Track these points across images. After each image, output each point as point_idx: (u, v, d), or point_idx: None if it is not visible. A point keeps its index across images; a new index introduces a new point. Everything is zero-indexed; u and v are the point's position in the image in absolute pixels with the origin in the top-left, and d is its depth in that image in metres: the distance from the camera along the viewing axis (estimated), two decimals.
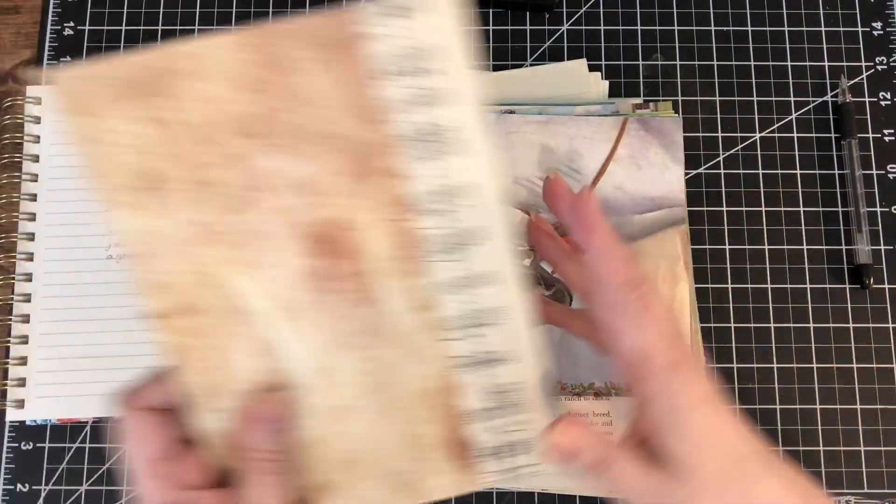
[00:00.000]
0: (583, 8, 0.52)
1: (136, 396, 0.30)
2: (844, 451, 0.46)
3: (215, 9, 0.52)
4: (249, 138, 0.29)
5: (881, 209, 0.49)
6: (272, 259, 0.30)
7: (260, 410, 0.30)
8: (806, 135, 0.50)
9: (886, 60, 0.51)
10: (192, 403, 0.30)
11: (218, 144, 0.29)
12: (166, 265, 0.29)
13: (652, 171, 0.47)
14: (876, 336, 0.47)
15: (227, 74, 0.28)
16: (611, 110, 0.48)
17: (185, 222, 0.29)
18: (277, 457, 0.30)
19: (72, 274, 0.47)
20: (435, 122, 0.29)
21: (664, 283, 0.45)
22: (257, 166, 0.29)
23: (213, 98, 0.28)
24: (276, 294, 0.30)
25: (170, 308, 0.29)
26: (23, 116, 0.48)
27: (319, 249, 0.30)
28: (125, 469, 0.31)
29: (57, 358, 0.46)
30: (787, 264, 0.48)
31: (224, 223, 0.29)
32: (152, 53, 0.28)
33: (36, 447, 0.46)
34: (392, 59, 0.29)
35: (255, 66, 0.28)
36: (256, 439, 0.30)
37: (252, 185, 0.29)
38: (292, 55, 0.28)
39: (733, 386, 0.47)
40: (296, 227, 0.30)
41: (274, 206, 0.30)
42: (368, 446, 0.32)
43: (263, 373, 0.31)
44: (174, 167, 0.29)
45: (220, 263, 0.30)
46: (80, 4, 0.52)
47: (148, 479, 0.29)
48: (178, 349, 0.30)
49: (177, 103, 0.28)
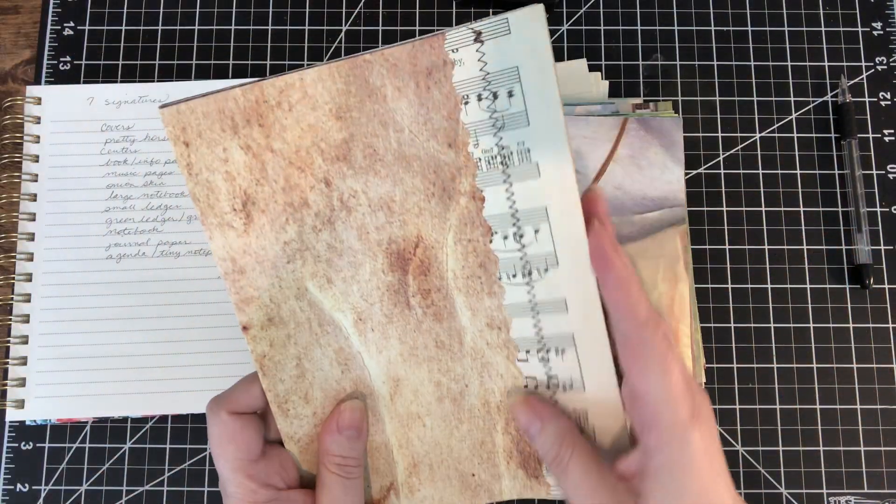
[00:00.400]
0: (583, 8, 0.52)
1: (227, 401, 0.32)
2: (844, 451, 0.46)
3: (215, 9, 0.52)
4: (336, 162, 0.31)
5: (881, 209, 0.49)
6: (353, 274, 0.32)
7: (338, 418, 0.32)
8: (806, 135, 0.50)
9: (886, 60, 0.51)
10: (277, 408, 0.33)
11: (306, 168, 0.31)
12: (252, 280, 0.32)
13: (652, 171, 0.47)
14: (876, 336, 0.47)
15: (317, 103, 0.30)
16: (611, 110, 0.48)
17: (272, 241, 0.31)
18: (353, 462, 0.32)
19: (72, 274, 0.47)
20: (508, 145, 0.30)
21: (664, 283, 0.45)
22: (342, 187, 0.31)
23: (302, 125, 0.30)
24: (357, 306, 0.32)
25: (253, 320, 0.32)
26: (23, 116, 0.48)
27: (398, 265, 0.32)
28: (213, 469, 0.32)
29: (57, 358, 0.46)
30: (787, 264, 0.48)
31: (309, 240, 0.32)
32: (247, 85, 0.30)
33: (36, 447, 0.46)
34: (472, 83, 0.29)
35: (343, 95, 0.30)
36: (334, 445, 0.32)
37: (336, 206, 0.31)
38: (379, 83, 0.30)
39: (733, 386, 0.47)
40: (376, 244, 0.32)
41: (356, 225, 0.32)
42: (436, 451, 0.34)
43: (342, 381, 0.33)
44: (263, 190, 0.31)
45: (305, 278, 0.32)
46: (80, 4, 0.52)
47: (235, 479, 0.31)
48: (263, 358, 0.32)
49: (267, 131, 0.30)
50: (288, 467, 0.33)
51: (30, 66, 0.51)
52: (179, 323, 0.46)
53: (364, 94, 0.30)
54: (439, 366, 0.33)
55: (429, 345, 0.33)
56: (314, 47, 0.51)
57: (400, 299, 0.32)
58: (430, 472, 0.34)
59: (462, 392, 0.33)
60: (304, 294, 0.32)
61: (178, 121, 0.30)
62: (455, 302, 0.32)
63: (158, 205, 0.48)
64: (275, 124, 0.30)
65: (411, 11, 0.52)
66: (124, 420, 0.46)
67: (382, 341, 0.33)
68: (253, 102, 0.30)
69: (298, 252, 0.32)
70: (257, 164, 0.30)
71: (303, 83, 0.30)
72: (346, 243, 0.32)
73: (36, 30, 0.52)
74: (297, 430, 0.33)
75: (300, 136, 0.30)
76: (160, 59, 0.51)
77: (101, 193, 0.48)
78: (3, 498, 0.45)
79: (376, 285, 0.32)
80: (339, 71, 0.30)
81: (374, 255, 0.32)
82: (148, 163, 0.48)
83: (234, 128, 0.30)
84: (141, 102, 0.49)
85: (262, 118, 0.30)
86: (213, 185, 0.31)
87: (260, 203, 0.31)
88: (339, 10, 0.52)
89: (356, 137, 0.30)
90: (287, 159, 0.31)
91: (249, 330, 0.32)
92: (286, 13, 0.52)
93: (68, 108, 0.49)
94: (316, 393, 0.33)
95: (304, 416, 0.33)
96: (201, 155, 0.30)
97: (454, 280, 0.31)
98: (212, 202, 0.31)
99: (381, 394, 0.33)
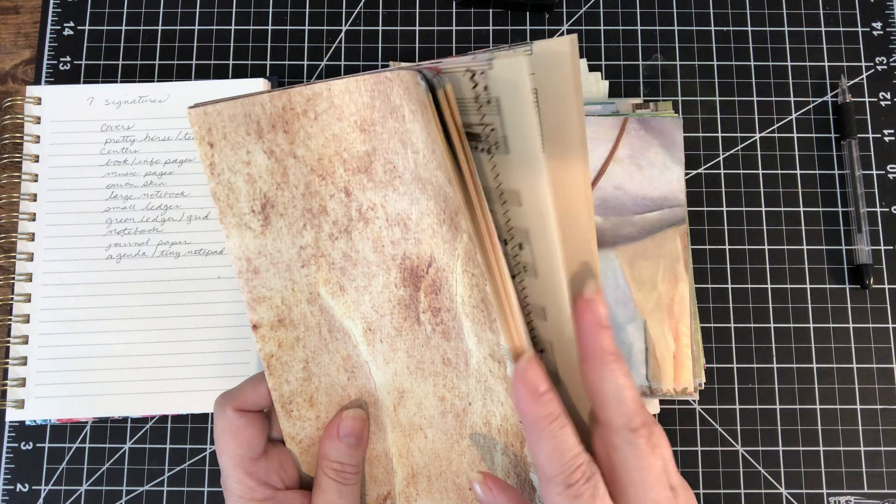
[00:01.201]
0: (583, 8, 0.52)
1: (234, 397, 0.33)
2: (844, 451, 0.46)
3: (215, 9, 0.52)
4: (357, 174, 0.31)
5: (881, 209, 0.49)
6: (367, 284, 0.32)
7: (339, 425, 0.32)
8: (806, 135, 0.50)
9: (886, 60, 0.51)
10: (281, 408, 0.33)
11: (327, 176, 0.31)
12: (265, 281, 0.32)
13: (652, 171, 0.47)
14: (876, 336, 0.47)
15: (343, 114, 0.30)
16: (611, 110, 0.48)
17: (288, 244, 0.32)
18: (351, 469, 0.32)
19: (72, 274, 0.47)
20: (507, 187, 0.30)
21: (664, 283, 0.45)
22: (361, 199, 0.31)
23: (327, 134, 0.31)
24: (367, 316, 0.33)
25: (264, 320, 0.32)
26: (23, 116, 0.48)
27: (410, 281, 0.32)
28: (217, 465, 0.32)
29: (57, 358, 0.46)
30: (787, 264, 0.48)
31: (325, 247, 0.32)
32: (275, 92, 0.30)
33: (36, 447, 0.46)
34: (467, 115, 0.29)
35: (368, 109, 0.30)
36: (333, 451, 0.32)
37: (354, 216, 0.32)
38: (398, 102, 0.30)
39: (733, 386, 0.47)
40: (391, 258, 0.32)
41: (373, 237, 0.32)
42: (435, 463, 0.34)
43: (348, 387, 0.33)
44: (283, 194, 0.31)
45: (318, 283, 0.32)
46: (80, 4, 0.52)
47: (235, 475, 0.32)
48: (271, 358, 0.32)
49: (292, 138, 0.30)
50: (288, 468, 0.33)
51: (30, 66, 0.51)
52: (179, 323, 0.46)
53: (387, 110, 0.30)
54: (445, 381, 0.33)
55: (436, 360, 0.33)
56: (314, 47, 0.51)
57: (410, 314, 0.32)
58: (427, 484, 0.34)
59: (465, 409, 0.33)
60: (316, 299, 0.32)
61: (204, 121, 0.30)
62: (463, 325, 0.32)
63: (158, 205, 0.48)
64: (300, 131, 0.30)
65: (411, 11, 0.52)
66: (124, 420, 0.46)
67: (390, 353, 0.33)
68: (279, 109, 0.30)
69: (313, 257, 0.32)
70: (279, 168, 0.31)
71: (330, 93, 0.30)
72: (362, 253, 0.32)
73: (36, 30, 0.52)
74: (299, 432, 0.33)
75: (324, 144, 0.31)
76: (160, 59, 0.51)
77: (101, 193, 0.48)
78: (3, 498, 0.45)
79: (388, 298, 0.32)
80: (365, 84, 0.30)
81: (387, 269, 0.32)
82: (148, 163, 0.48)
83: (258, 132, 0.30)
84: (141, 102, 0.49)
85: (287, 125, 0.30)
86: (234, 186, 0.31)
87: (279, 206, 0.31)
88: (339, 10, 0.52)
89: (378, 151, 0.31)
90: (309, 166, 0.31)
91: (259, 329, 0.32)
92: (286, 13, 0.52)
93: (68, 108, 0.49)
94: (321, 397, 0.33)
95: (307, 418, 0.33)
96: (225, 156, 0.30)
97: (462, 305, 0.31)
98: (231, 202, 0.31)
99: (384, 404, 0.33)
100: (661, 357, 0.44)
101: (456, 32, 0.51)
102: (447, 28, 0.51)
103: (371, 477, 0.34)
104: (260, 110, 0.30)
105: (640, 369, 0.44)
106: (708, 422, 0.46)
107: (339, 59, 0.51)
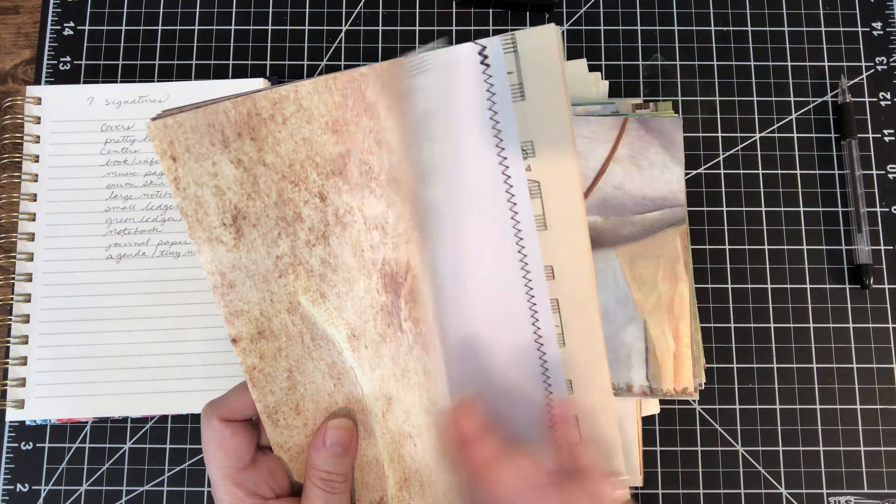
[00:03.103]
0: (583, 8, 0.52)
1: (220, 407, 0.32)
2: (844, 451, 0.46)
3: (215, 9, 0.52)
4: (331, 177, 0.30)
5: (881, 209, 0.49)
6: (348, 290, 0.32)
7: (325, 435, 0.32)
8: (806, 135, 0.50)
9: (886, 60, 0.51)
10: (267, 418, 0.32)
11: (300, 182, 0.30)
12: (242, 294, 0.31)
13: (652, 171, 0.47)
14: (876, 336, 0.47)
15: (312, 116, 0.30)
16: (611, 110, 0.48)
17: (264, 255, 0.31)
18: (338, 478, 0.32)
19: (72, 274, 0.47)
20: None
21: (664, 283, 0.45)
22: (337, 202, 0.31)
23: (297, 139, 0.30)
24: (350, 322, 0.32)
25: (243, 333, 0.31)
26: (23, 116, 0.48)
27: (391, 287, 0.32)
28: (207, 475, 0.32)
29: (57, 358, 0.46)
30: (787, 264, 0.48)
31: (302, 255, 0.31)
32: (239, 98, 0.29)
33: (36, 447, 0.46)
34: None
35: (339, 108, 0.29)
36: (320, 460, 0.32)
37: (331, 220, 0.31)
38: (374, 98, 0.29)
39: (733, 386, 0.47)
40: (371, 262, 0.31)
41: (351, 241, 0.31)
42: (427, 472, 0.33)
43: (335, 394, 0.33)
44: (254, 204, 0.30)
45: (298, 292, 0.31)
46: (80, 4, 0.52)
47: (223, 486, 0.32)
48: (253, 370, 0.32)
49: (260, 145, 0.30)
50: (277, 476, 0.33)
51: (30, 66, 0.51)
52: (179, 323, 0.46)
53: (361, 108, 0.29)
54: (428, 395, 0.33)
55: (418, 371, 0.32)
56: (314, 47, 0.51)
57: (393, 321, 0.32)
58: (420, 488, 0.34)
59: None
60: (296, 308, 0.32)
61: (164, 135, 0.29)
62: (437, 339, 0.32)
63: (158, 205, 0.48)
64: (267, 137, 0.29)
65: (411, 11, 0.52)
66: (124, 420, 0.46)
67: (376, 359, 0.32)
68: (245, 115, 0.29)
69: (291, 266, 0.31)
70: (249, 178, 0.30)
71: (297, 95, 0.29)
72: (341, 259, 0.31)
73: (36, 30, 0.52)
74: (287, 440, 0.33)
75: (294, 149, 0.30)
76: (160, 59, 0.51)
77: (101, 193, 0.48)
78: (3, 498, 0.45)
79: (370, 303, 0.32)
80: (336, 83, 0.29)
81: (368, 273, 0.31)
82: (148, 163, 0.48)
83: (224, 142, 0.29)
84: (141, 102, 0.49)
85: (253, 131, 0.29)
86: (202, 200, 0.30)
87: (251, 217, 0.30)
88: (339, 10, 0.52)
89: (352, 152, 0.30)
90: (280, 173, 0.30)
91: (239, 342, 0.31)
92: (286, 13, 0.52)
93: (68, 108, 0.49)
94: (307, 405, 0.33)
95: (294, 426, 0.33)
96: (189, 169, 0.29)
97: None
98: (200, 217, 0.30)
99: (373, 410, 0.33)
100: (662, 357, 0.44)
101: (456, 32, 0.51)
102: (447, 28, 0.51)
103: (363, 483, 0.34)
104: (224, 119, 0.29)
105: (640, 369, 0.44)
106: (708, 422, 0.46)
107: (339, 59, 0.51)
